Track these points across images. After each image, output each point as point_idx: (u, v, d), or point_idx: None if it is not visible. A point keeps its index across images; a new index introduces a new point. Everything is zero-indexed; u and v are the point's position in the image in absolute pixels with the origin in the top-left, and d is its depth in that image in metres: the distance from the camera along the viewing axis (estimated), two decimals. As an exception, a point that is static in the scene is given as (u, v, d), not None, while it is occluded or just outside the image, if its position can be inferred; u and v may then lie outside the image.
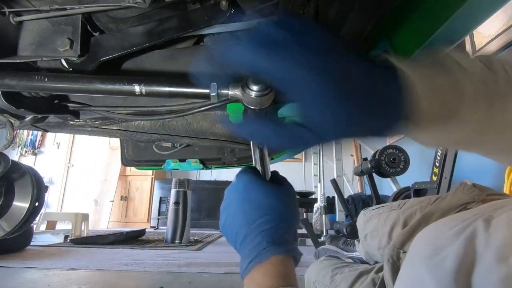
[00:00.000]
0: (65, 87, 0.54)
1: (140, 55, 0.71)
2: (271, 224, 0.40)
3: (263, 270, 0.37)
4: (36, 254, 2.05)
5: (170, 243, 2.77)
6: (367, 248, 0.97)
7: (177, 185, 2.94)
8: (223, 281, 1.45)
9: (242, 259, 0.40)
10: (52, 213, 3.88)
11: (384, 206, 0.94)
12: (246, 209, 0.41)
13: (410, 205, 0.82)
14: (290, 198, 0.44)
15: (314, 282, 0.97)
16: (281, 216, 0.41)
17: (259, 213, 0.40)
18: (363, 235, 0.97)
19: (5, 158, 0.90)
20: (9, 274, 1.49)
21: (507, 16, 2.21)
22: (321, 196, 3.24)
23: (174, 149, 1.29)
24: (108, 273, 1.56)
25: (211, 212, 5.00)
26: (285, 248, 0.39)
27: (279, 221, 0.41)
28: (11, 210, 0.97)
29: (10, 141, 0.72)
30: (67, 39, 0.57)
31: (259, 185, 0.43)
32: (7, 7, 0.56)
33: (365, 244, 0.97)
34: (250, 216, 0.41)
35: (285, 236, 0.41)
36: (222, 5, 0.60)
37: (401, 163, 2.43)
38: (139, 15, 0.63)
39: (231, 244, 0.44)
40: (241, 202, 0.42)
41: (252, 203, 0.41)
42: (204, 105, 0.70)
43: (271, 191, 0.43)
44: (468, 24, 0.35)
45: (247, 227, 0.40)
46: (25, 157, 5.33)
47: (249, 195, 0.42)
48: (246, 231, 0.40)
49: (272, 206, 0.41)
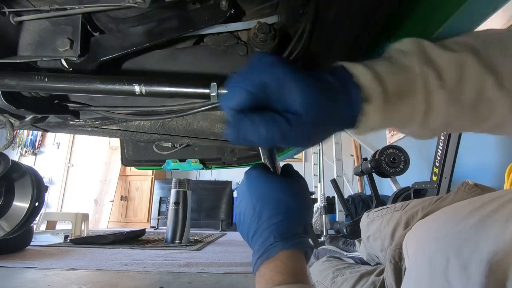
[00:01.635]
0: (65, 87, 0.54)
1: (140, 55, 0.71)
2: (278, 218, 0.39)
3: (271, 266, 0.37)
4: (36, 254, 2.05)
5: (170, 243, 2.77)
6: (370, 249, 0.97)
7: (177, 185, 2.94)
8: (223, 281, 1.45)
9: (253, 255, 0.40)
10: (52, 213, 3.88)
11: (387, 208, 0.94)
12: (255, 204, 0.41)
13: (412, 206, 0.82)
14: (300, 191, 0.43)
15: (315, 283, 0.97)
16: (289, 209, 0.40)
17: (267, 208, 0.40)
18: (366, 237, 0.97)
19: (5, 158, 0.90)
20: (9, 274, 1.49)
21: (507, 16, 2.21)
22: (321, 196, 3.24)
23: (174, 149, 1.29)
24: (108, 273, 1.56)
25: (211, 212, 5.00)
26: (293, 243, 0.38)
27: (287, 215, 0.40)
28: (11, 210, 0.97)
29: (10, 141, 0.72)
30: (67, 39, 0.57)
31: (266, 180, 0.43)
32: (7, 7, 0.56)
33: (368, 245, 0.97)
34: (259, 211, 0.40)
35: (294, 230, 0.40)
36: (222, 5, 0.60)
37: (401, 163, 2.43)
38: (139, 15, 0.63)
39: (246, 241, 0.44)
40: (250, 198, 0.42)
41: (260, 198, 0.41)
42: (204, 105, 0.70)
43: (278, 184, 0.42)
44: (468, 24, 0.35)
45: (257, 222, 0.40)
46: (25, 157, 5.33)
47: (257, 190, 0.42)
48: (256, 226, 0.40)
49: (279, 200, 0.41)
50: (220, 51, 0.71)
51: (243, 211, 0.42)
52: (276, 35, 0.57)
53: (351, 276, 0.85)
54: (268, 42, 0.57)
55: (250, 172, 0.45)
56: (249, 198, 0.42)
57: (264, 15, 0.68)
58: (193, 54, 0.72)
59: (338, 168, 3.27)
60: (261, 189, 0.42)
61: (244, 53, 0.70)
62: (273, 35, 0.57)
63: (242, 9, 0.66)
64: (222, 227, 4.85)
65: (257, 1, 0.65)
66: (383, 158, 2.41)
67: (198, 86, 0.51)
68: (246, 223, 0.42)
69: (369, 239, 0.95)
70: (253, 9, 0.67)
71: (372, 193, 2.54)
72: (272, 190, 0.41)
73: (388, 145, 2.47)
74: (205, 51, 0.72)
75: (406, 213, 0.81)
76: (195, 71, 0.71)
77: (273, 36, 0.57)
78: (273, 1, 0.66)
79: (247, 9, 0.67)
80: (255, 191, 0.42)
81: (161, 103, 0.74)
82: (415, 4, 0.40)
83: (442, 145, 2.02)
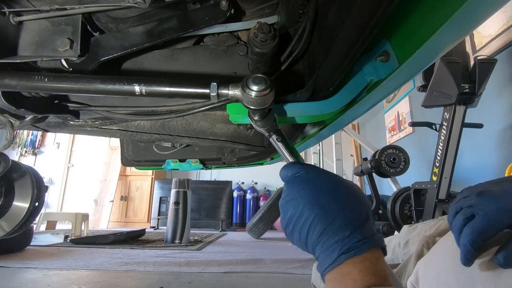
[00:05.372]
0: (65, 87, 0.54)
1: (140, 55, 0.71)
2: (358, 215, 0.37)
3: (360, 266, 0.34)
4: (36, 254, 2.05)
5: (170, 243, 2.77)
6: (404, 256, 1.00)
7: (177, 185, 2.94)
8: (223, 281, 1.45)
9: (322, 255, 0.36)
10: (52, 213, 3.88)
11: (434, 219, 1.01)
12: (323, 201, 0.38)
13: None
14: (360, 190, 0.41)
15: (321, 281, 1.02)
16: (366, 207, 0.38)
17: (341, 205, 0.37)
18: (404, 241, 1.00)
19: (5, 158, 0.90)
20: (9, 274, 1.49)
21: (507, 16, 2.21)
22: (321, 196, 3.23)
23: (174, 149, 1.29)
24: (108, 273, 1.56)
25: (211, 212, 5.00)
26: (379, 240, 0.36)
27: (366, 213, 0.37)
28: (11, 210, 0.97)
29: (10, 141, 0.72)
30: (67, 39, 0.57)
31: (329, 176, 0.41)
32: (7, 7, 0.56)
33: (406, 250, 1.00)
34: (331, 208, 0.37)
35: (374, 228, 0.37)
36: (222, 5, 0.60)
37: (401, 163, 2.43)
38: (139, 15, 0.63)
39: (298, 241, 0.40)
40: (313, 194, 0.39)
41: (329, 194, 0.38)
42: (204, 105, 0.70)
43: (343, 181, 0.40)
44: (468, 24, 0.35)
45: (326, 218, 0.37)
46: (25, 157, 5.33)
47: (323, 186, 0.39)
48: (326, 222, 0.36)
49: (345, 192, 0.39)
50: (220, 51, 0.71)
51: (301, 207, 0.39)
52: (276, 35, 0.57)
53: None
54: (268, 42, 0.57)
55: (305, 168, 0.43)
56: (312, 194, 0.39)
57: (264, 15, 0.68)
58: (193, 54, 0.72)
59: (338, 168, 3.27)
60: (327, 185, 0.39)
61: (244, 53, 0.70)
62: (273, 35, 0.57)
63: (242, 9, 0.66)
64: (222, 227, 4.85)
65: (257, 1, 0.65)
66: (383, 158, 2.41)
67: (198, 86, 0.51)
68: (307, 220, 0.38)
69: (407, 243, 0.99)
70: (253, 9, 0.67)
71: (372, 193, 2.54)
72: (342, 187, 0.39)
73: (388, 145, 2.47)
74: (205, 51, 0.72)
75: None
76: (195, 71, 0.71)
77: (273, 36, 0.57)
78: (273, 1, 0.66)
79: (247, 9, 0.67)
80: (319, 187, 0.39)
81: (161, 103, 0.74)
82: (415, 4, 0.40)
83: (442, 145, 2.02)
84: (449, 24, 0.34)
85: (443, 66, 1.91)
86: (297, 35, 0.62)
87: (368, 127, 5.36)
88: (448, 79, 1.92)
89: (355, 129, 5.61)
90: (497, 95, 2.31)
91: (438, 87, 1.97)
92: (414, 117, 3.60)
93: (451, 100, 1.95)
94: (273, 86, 0.47)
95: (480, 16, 0.34)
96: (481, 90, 1.93)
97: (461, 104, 1.97)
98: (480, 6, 0.32)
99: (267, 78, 0.47)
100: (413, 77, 0.61)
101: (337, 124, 0.72)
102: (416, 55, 0.42)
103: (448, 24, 0.34)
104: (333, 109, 0.59)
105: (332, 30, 0.51)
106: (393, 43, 0.48)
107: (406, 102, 3.80)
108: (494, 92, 2.31)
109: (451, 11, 0.33)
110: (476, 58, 1.94)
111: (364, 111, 0.65)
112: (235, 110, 0.60)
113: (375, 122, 4.98)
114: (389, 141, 4.27)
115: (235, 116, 0.61)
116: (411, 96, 3.71)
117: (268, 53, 0.59)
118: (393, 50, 0.48)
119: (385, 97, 0.60)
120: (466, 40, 2.52)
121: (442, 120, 2.05)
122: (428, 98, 2.02)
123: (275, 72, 0.67)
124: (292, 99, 0.60)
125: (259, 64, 0.64)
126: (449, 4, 0.33)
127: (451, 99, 1.95)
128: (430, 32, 0.37)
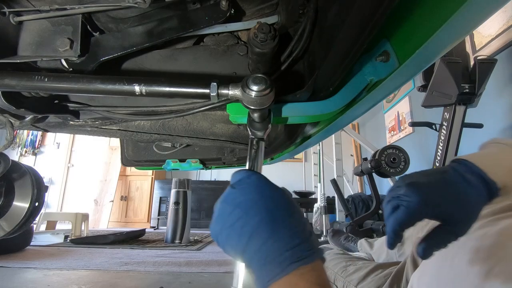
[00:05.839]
0: (65, 87, 0.54)
1: (140, 55, 0.71)
2: (304, 227, 0.36)
3: (307, 276, 0.32)
4: (36, 254, 2.05)
5: (170, 243, 2.77)
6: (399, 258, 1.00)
7: (177, 185, 2.94)
8: (223, 281, 1.45)
9: (267, 263, 0.34)
10: (52, 213, 3.88)
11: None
12: (271, 207, 0.36)
13: None
14: None
15: None
16: (309, 223, 0.37)
17: (289, 215, 0.36)
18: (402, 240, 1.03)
19: (5, 158, 0.90)
20: (9, 274, 1.49)
21: (507, 16, 2.21)
22: (321, 196, 3.24)
23: (174, 149, 1.29)
24: (108, 273, 1.56)
25: (211, 212, 4.94)
26: (322, 252, 0.35)
27: (309, 227, 0.36)
28: (11, 210, 0.97)
29: (10, 141, 0.72)
30: (67, 39, 0.57)
31: (271, 184, 0.39)
32: (7, 7, 0.56)
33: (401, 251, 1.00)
34: (279, 215, 0.36)
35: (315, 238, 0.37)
36: (222, 5, 0.60)
37: (401, 163, 2.42)
38: (139, 15, 0.63)
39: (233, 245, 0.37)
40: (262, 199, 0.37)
41: (279, 204, 0.37)
42: (204, 105, 0.70)
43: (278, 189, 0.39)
44: (468, 24, 0.35)
45: (275, 225, 0.35)
46: (25, 157, 5.33)
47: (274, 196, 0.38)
48: (274, 229, 0.34)
49: (293, 205, 0.37)
50: (220, 51, 0.71)
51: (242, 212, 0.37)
52: (276, 35, 0.57)
53: (366, 266, 0.87)
54: (268, 42, 0.57)
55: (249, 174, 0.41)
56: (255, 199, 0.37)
57: (264, 15, 0.68)
58: (193, 54, 0.72)
59: (338, 168, 3.27)
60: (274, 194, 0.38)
61: (244, 53, 0.70)
62: (273, 35, 0.57)
63: (242, 9, 0.66)
64: (222, 227, 4.85)
65: (257, 1, 0.65)
66: (383, 158, 2.41)
67: (198, 86, 0.51)
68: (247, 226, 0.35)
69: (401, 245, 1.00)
70: (253, 9, 0.67)
71: (372, 193, 2.53)
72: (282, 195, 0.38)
73: (388, 145, 2.47)
74: (205, 51, 0.72)
75: None
76: (195, 71, 0.71)
77: (273, 36, 0.57)
78: (273, 1, 0.66)
79: (247, 9, 0.67)
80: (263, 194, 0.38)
81: (161, 103, 0.74)
82: (415, 4, 0.40)
83: (442, 145, 2.02)
84: (449, 24, 0.34)
85: (443, 66, 1.91)
86: (297, 35, 0.62)
87: (368, 127, 5.36)
88: (448, 79, 1.92)
89: (355, 129, 5.61)
90: (497, 95, 2.31)
91: (438, 87, 1.97)
92: (414, 117, 3.60)
93: (451, 100, 1.95)
94: (273, 86, 0.47)
95: (480, 16, 0.34)
96: (481, 90, 1.93)
97: (461, 104, 1.97)
98: (480, 6, 0.32)
99: (267, 78, 0.47)
100: (413, 77, 0.61)
101: (337, 124, 0.72)
102: (416, 55, 0.42)
103: (448, 24, 0.34)
104: (333, 109, 0.59)
105: (332, 30, 0.51)
106: (393, 43, 0.48)
107: (406, 102, 3.80)
108: (494, 92, 2.31)
109: (451, 11, 0.33)
110: (476, 58, 1.94)
111: (364, 111, 0.65)
112: (235, 110, 0.60)
113: (375, 122, 4.98)
114: (389, 141, 4.27)
115: (235, 116, 0.61)
116: (411, 96, 3.71)
117: (268, 53, 0.59)
118: (393, 50, 0.48)
119: (385, 97, 0.60)
120: (466, 40, 2.51)
121: (442, 120, 2.05)
122: (428, 98, 2.02)
123: (275, 72, 0.67)
124: (292, 99, 0.60)
125: (259, 64, 0.64)
126: (449, 4, 0.33)
127: (451, 99, 1.95)
128: (430, 32, 0.37)
